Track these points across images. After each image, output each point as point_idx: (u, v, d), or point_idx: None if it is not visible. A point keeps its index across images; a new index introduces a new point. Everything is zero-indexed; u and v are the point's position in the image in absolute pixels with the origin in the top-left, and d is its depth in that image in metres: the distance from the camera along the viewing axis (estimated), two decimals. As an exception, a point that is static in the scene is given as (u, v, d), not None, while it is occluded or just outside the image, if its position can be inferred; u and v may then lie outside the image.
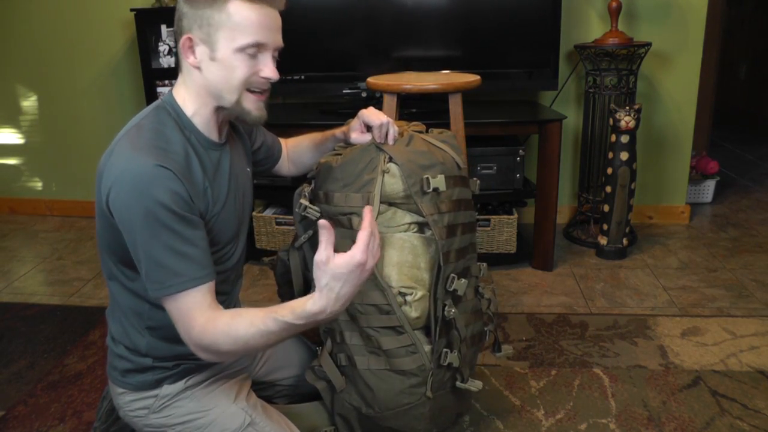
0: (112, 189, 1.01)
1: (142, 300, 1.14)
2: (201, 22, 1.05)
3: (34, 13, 2.87)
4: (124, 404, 1.21)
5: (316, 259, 0.90)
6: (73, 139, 3.04)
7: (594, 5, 2.62)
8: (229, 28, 1.04)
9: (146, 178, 0.98)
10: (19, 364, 1.84)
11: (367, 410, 1.30)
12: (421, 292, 1.27)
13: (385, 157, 1.26)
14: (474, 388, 1.33)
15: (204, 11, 1.04)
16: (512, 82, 2.48)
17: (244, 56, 1.06)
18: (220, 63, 1.06)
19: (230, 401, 1.22)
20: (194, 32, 1.06)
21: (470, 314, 1.35)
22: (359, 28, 2.46)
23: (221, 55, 1.05)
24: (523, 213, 2.77)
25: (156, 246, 1.00)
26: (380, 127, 1.28)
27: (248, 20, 1.04)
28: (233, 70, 1.06)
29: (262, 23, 1.05)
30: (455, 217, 1.28)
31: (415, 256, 1.28)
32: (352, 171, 1.26)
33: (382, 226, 1.28)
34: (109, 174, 1.02)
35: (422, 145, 1.31)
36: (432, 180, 1.24)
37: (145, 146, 1.02)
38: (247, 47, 1.05)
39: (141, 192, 0.98)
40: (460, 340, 1.29)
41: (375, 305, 1.24)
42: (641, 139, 2.65)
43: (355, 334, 1.28)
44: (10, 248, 2.76)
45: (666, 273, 2.36)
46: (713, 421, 1.52)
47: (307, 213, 1.29)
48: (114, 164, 1.02)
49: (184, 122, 1.11)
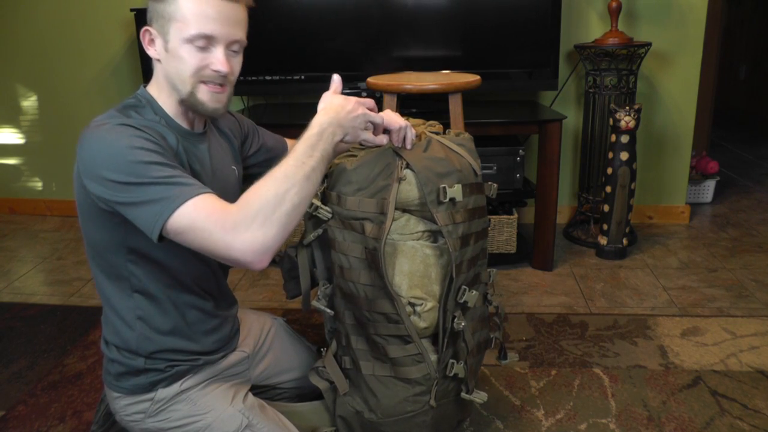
0: (82, 157, 1.00)
1: (128, 288, 1.13)
2: (156, 14, 1.06)
3: (34, 13, 2.87)
4: (120, 409, 1.21)
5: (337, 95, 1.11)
6: (74, 139, 3.00)
7: (594, 5, 2.62)
8: (179, 20, 1.04)
9: (114, 134, 0.99)
10: (19, 364, 1.84)
11: (370, 415, 1.30)
12: (431, 304, 1.25)
13: (402, 163, 1.22)
14: (479, 400, 1.31)
15: (159, 4, 1.06)
16: (512, 82, 2.48)
17: (192, 48, 1.05)
18: (171, 54, 1.07)
19: (227, 404, 1.21)
20: (153, 25, 1.08)
21: (477, 322, 1.33)
22: (359, 28, 2.46)
23: (171, 46, 1.06)
24: (523, 213, 2.77)
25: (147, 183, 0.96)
26: (399, 131, 1.23)
27: (195, 11, 1.03)
28: (183, 62, 1.06)
29: (210, 15, 1.04)
30: (469, 226, 1.25)
31: (427, 266, 1.26)
32: (367, 175, 1.22)
33: (395, 233, 1.25)
34: (80, 146, 1.01)
35: (440, 151, 1.27)
36: (449, 190, 1.20)
37: (119, 121, 1.03)
38: (195, 38, 1.04)
39: (112, 144, 0.98)
40: (467, 352, 1.28)
41: (384, 314, 1.22)
42: (641, 139, 2.65)
43: (362, 339, 1.27)
44: (10, 248, 2.76)
45: (666, 273, 2.36)
46: (713, 421, 1.52)
47: (318, 213, 1.26)
48: (83, 135, 1.02)
49: (157, 109, 1.12)
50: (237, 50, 1.11)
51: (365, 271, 1.21)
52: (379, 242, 1.17)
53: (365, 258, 1.21)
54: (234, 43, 1.09)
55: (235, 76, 1.14)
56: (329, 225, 1.27)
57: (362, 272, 1.22)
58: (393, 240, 1.25)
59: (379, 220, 1.19)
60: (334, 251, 1.26)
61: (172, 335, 1.18)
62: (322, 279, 1.35)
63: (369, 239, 1.19)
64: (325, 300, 1.32)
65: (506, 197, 2.41)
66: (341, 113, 1.08)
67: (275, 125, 1.82)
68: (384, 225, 1.18)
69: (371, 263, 1.20)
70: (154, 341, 1.17)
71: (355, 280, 1.23)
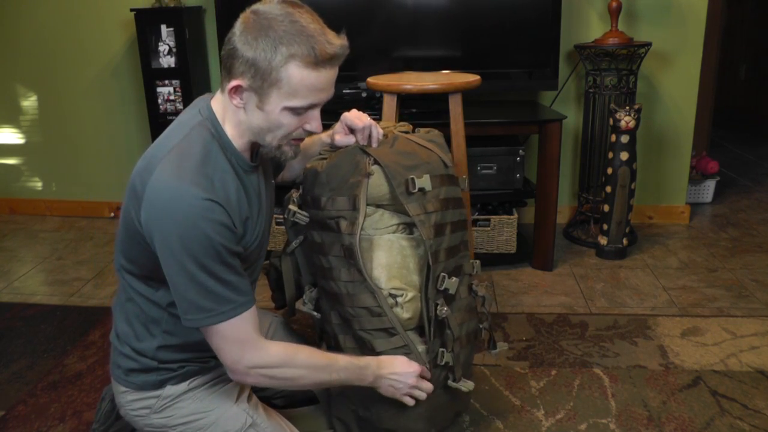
0: (153, 216, 0.98)
1: (160, 308, 1.14)
2: (255, 72, 0.98)
3: (34, 13, 2.87)
4: (125, 403, 1.21)
5: (410, 371, 1.22)
6: (73, 139, 3.04)
7: (594, 5, 2.62)
8: (284, 88, 0.99)
9: (194, 212, 0.96)
10: (19, 364, 1.84)
11: (365, 412, 1.31)
12: (412, 293, 1.27)
13: (369, 159, 1.26)
14: (465, 389, 1.32)
15: (260, 63, 0.97)
16: (512, 82, 2.48)
17: (293, 114, 1.03)
18: (267, 114, 1.02)
19: (232, 402, 1.22)
20: (245, 80, 1.00)
21: (464, 312, 1.35)
22: (359, 28, 2.46)
23: (270, 108, 1.02)
24: (523, 213, 2.77)
25: (203, 277, 0.98)
26: (363, 129, 1.28)
27: (306, 85, 0.99)
28: (280, 126, 1.04)
29: (319, 87, 1.01)
30: (443, 216, 1.28)
31: (404, 257, 1.28)
32: (337, 174, 1.26)
33: (371, 228, 1.28)
34: (151, 200, 0.98)
35: (406, 146, 1.31)
36: (417, 180, 1.24)
37: (191, 174, 0.98)
38: (300, 109, 1.02)
39: (189, 226, 0.96)
40: (453, 339, 1.29)
41: (366, 308, 1.24)
42: (641, 139, 2.65)
43: (349, 337, 1.28)
44: (10, 248, 2.76)
45: (666, 273, 2.36)
46: (713, 421, 1.52)
47: (297, 219, 1.30)
48: (157, 189, 0.98)
49: (226, 144, 1.07)
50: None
51: (345, 269, 1.24)
52: (354, 237, 1.21)
53: (343, 255, 1.24)
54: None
55: None
56: (309, 229, 1.31)
57: (342, 270, 1.24)
58: (369, 235, 1.28)
59: (352, 216, 1.23)
60: (315, 254, 1.30)
61: (191, 351, 1.19)
62: (307, 284, 1.37)
63: (344, 236, 1.23)
64: (311, 303, 1.35)
65: (506, 197, 2.41)
66: (399, 383, 1.21)
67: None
68: (357, 220, 1.22)
69: (349, 259, 1.23)
70: (174, 354, 1.18)
71: (336, 278, 1.25)
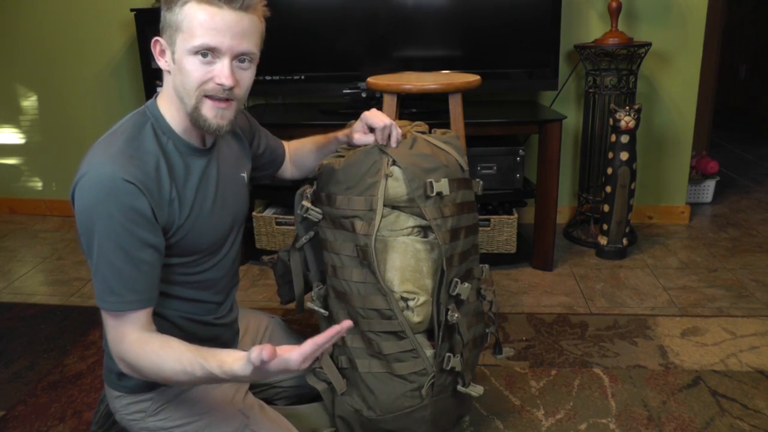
0: (76, 190, 1.01)
1: None
2: (166, 24, 1.04)
3: (34, 13, 2.87)
4: (120, 408, 1.21)
5: (260, 357, 0.86)
6: (74, 139, 3.03)
7: (594, 5, 2.62)
8: (185, 30, 1.01)
9: (107, 190, 0.98)
10: (19, 364, 1.84)
11: (368, 413, 1.30)
12: (424, 298, 1.26)
13: (388, 160, 1.25)
14: (475, 393, 1.32)
15: (167, 14, 1.03)
16: (512, 82, 2.48)
17: (196, 60, 1.02)
18: (177, 66, 1.04)
19: (227, 403, 1.22)
20: (163, 35, 1.05)
21: (472, 316, 1.34)
22: (359, 28, 2.46)
23: (178, 57, 1.03)
24: (523, 213, 2.77)
25: (102, 258, 1.01)
26: (383, 129, 1.26)
27: (199, 22, 1.00)
28: (187, 74, 1.03)
29: (213, 26, 1.00)
30: (458, 220, 1.27)
31: (418, 260, 1.27)
32: (355, 174, 1.25)
33: (386, 229, 1.27)
34: (79, 175, 1.02)
35: (426, 148, 1.30)
36: (435, 184, 1.23)
37: (114, 153, 1.02)
38: (198, 50, 1.01)
39: (100, 201, 0.98)
40: (463, 345, 1.29)
41: (377, 310, 1.23)
42: (641, 139, 2.65)
43: (357, 337, 1.28)
44: (10, 248, 2.76)
45: (666, 273, 2.36)
46: (713, 421, 1.52)
47: (309, 215, 1.28)
48: (83, 166, 1.02)
49: (163, 127, 1.09)
50: (246, 64, 1.07)
51: (357, 269, 1.23)
52: (370, 238, 1.19)
53: (356, 256, 1.23)
54: (242, 56, 1.05)
55: (243, 90, 1.08)
56: (320, 226, 1.29)
57: (354, 270, 1.23)
58: (383, 236, 1.26)
59: (368, 217, 1.22)
60: (326, 251, 1.28)
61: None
62: (315, 281, 1.37)
63: (359, 236, 1.22)
64: (319, 301, 1.34)
65: (506, 197, 2.41)
66: (261, 377, 1.00)
67: (275, 125, 1.82)
68: (373, 221, 1.20)
69: (363, 260, 1.22)
70: None
71: (347, 278, 1.24)
